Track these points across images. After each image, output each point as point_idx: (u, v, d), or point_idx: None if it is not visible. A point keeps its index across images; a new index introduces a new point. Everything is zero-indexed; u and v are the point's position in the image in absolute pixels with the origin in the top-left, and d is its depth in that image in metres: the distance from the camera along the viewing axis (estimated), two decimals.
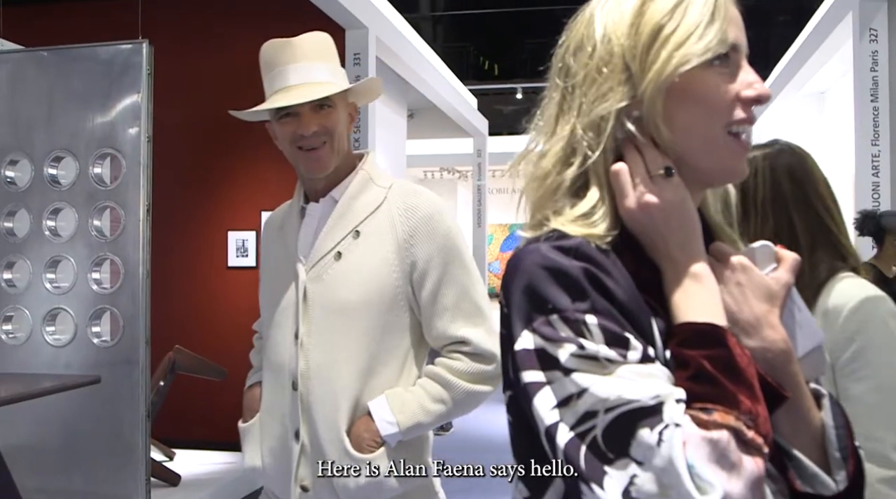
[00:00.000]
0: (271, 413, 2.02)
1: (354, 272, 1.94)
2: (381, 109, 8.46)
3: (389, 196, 2.00)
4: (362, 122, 6.80)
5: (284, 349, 1.98)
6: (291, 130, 1.97)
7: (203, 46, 7.02)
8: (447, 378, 1.94)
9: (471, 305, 1.97)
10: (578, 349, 0.89)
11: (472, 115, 12.32)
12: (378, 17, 7.34)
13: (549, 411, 0.90)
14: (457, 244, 1.99)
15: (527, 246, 0.98)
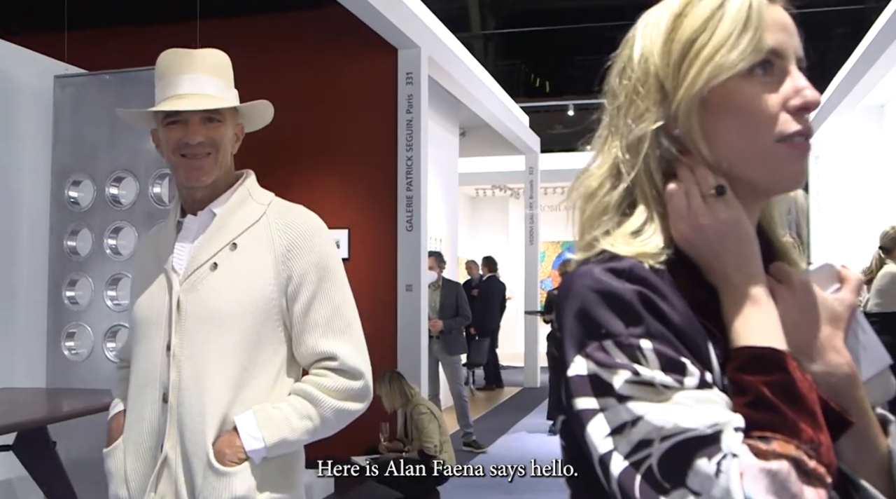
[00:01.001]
0: (136, 430, 1.95)
1: (229, 283, 1.92)
2: (433, 128, 8.51)
3: (268, 212, 2.02)
4: (414, 141, 6.85)
5: (155, 361, 1.94)
6: (178, 136, 1.94)
7: (259, 68, 7.13)
8: (314, 394, 1.92)
9: (341, 323, 1.97)
10: (633, 375, 0.86)
11: (524, 132, 12.32)
12: (430, 36, 7.39)
13: (603, 439, 0.87)
14: (332, 262, 2.00)
15: (578, 268, 0.95)
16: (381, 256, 7.02)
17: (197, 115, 1.94)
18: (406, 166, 6.86)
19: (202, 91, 1.96)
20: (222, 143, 1.98)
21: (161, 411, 1.91)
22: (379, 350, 7.12)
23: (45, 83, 5.18)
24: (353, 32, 6.71)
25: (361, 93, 7.08)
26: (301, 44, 7.19)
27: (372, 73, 7.05)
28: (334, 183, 7.14)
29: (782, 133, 0.94)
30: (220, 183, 2.03)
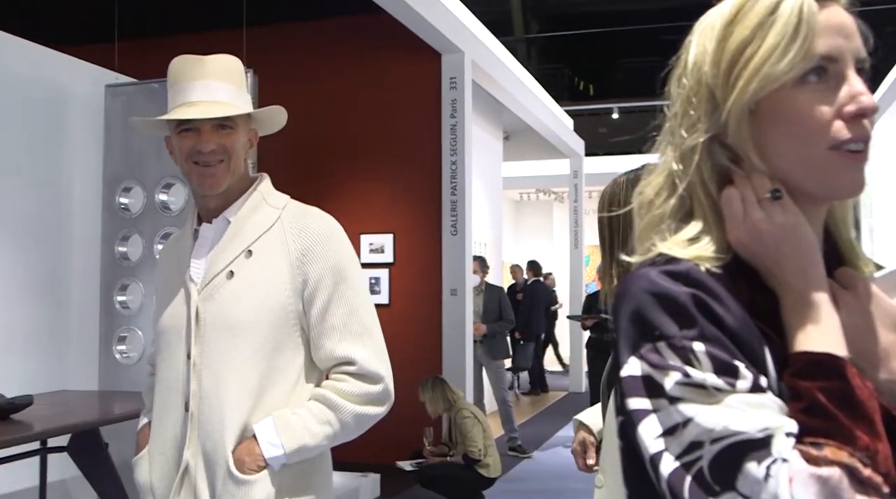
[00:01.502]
0: (160, 439, 1.97)
1: (246, 291, 1.91)
2: (477, 132, 8.52)
3: (283, 216, 1.99)
4: (458, 145, 6.86)
5: (177, 371, 1.94)
6: (190, 144, 1.93)
7: (305, 74, 7.21)
8: (333, 400, 1.90)
9: (359, 326, 1.94)
10: (684, 377, 0.86)
11: (568, 136, 12.28)
12: (473, 41, 7.41)
13: (654, 440, 0.88)
14: (348, 265, 1.98)
15: (636, 271, 0.95)
16: (425, 261, 7.04)
17: (209, 123, 1.93)
18: (450, 171, 6.88)
19: (213, 98, 1.94)
20: (235, 150, 1.96)
21: (183, 420, 1.92)
22: (424, 354, 7.18)
23: (96, 92, 5.29)
24: (397, 38, 6.75)
25: (406, 98, 7.12)
26: (346, 50, 7.25)
27: (416, 78, 7.09)
28: (379, 188, 7.18)
29: (835, 141, 0.92)
30: (234, 189, 2.00)
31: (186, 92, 1.94)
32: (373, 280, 7.08)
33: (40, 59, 5.20)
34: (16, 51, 5.05)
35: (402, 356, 7.09)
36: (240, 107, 1.96)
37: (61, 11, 7.19)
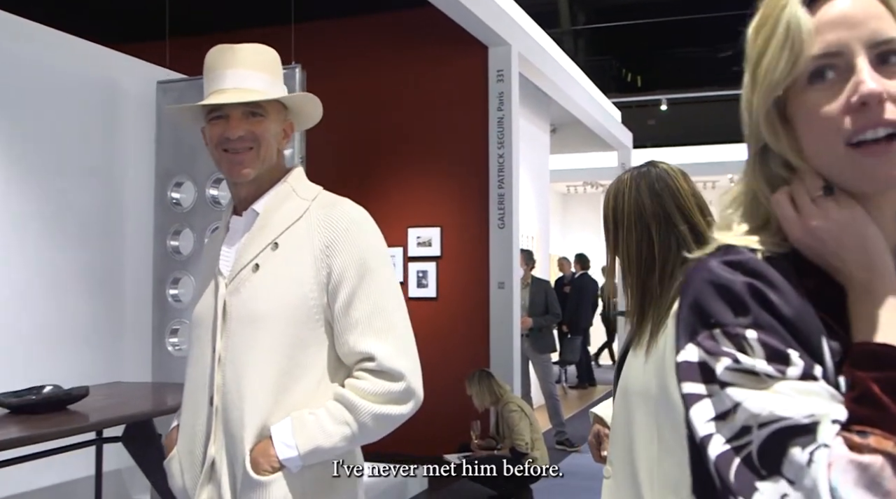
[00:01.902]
0: (189, 436, 1.95)
1: (270, 284, 1.87)
2: (524, 125, 8.49)
3: (311, 207, 1.94)
4: (506, 139, 6.85)
5: (204, 366, 1.93)
6: (219, 131, 1.92)
7: (352, 69, 7.25)
8: (351, 399, 1.83)
9: (383, 321, 1.87)
10: (734, 363, 0.89)
11: (616, 128, 12.19)
12: (520, 33, 7.39)
13: (705, 423, 0.90)
14: (375, 257, 1.91)
15: (699, 262, 0.98)
16: (473, 254, 7.05)
17: (238, 110, 1.91)
18: (498, 164, 6.87)
19: (244, 85, 1.91)
20: (265, 138, 1.92)
21: (208, 416, 1.90)
22: (472, 348, 7.19)
23: (148, 89, 5.38)
24: (443, 32, 6.76)
25: (453, 91, 7.13)
26: (393, 45, 7.28)
27: (463, 71, 7.09)
28: (427, 182, 7.20)
29: (846, 136, 0.92)
30: (266, 180, 1.98)
31: (218, 80, 1.93)
32: (420, 273, 7.11)
33: (94, 57, 5.30)
34: (70, 49, 5.15)
35: (449, 350, 7.15)
36: (267, 93, 1.93)
37: (114, 10, 7.32)
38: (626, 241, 2.02)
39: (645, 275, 1.99)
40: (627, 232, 2.01)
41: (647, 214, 2.00)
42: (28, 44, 4.92)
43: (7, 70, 4.79)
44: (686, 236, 1.96)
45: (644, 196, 2.01)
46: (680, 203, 2.01)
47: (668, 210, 2.00)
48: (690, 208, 2.01)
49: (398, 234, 7.13)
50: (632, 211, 2.01)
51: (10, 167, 4.81)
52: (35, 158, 4.94)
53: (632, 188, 2.04)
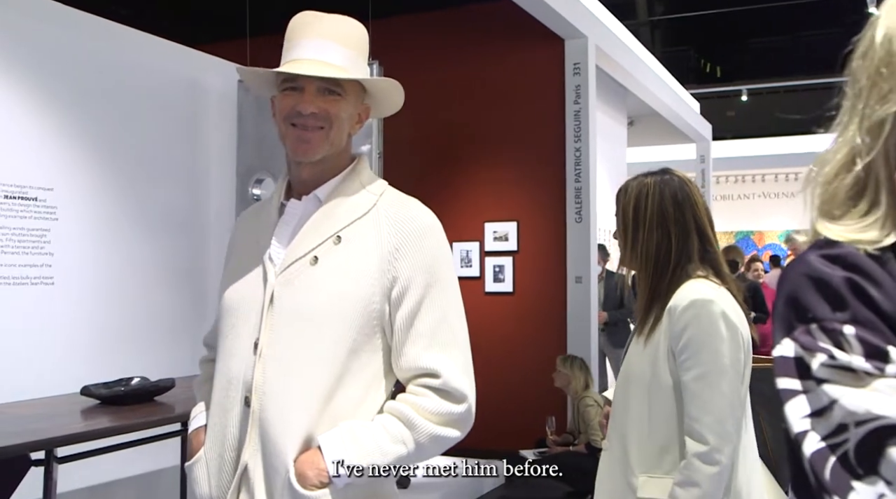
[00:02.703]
0: (219, 438, 1.77)
1: (330, 280, 1.70)
2: (601, 118, 8.41)
3: (379, 204, 1.79)
4: (583, 132, 6.79)
5: (240, 359, 1.74)
6: (291, 104, 1.74)
7: (429, 64, 7.27)
8: (411, 417, 1.68)
9: (448, 335, 1.74)
10: (830, 359, 0.87)
11: (695, 119, 11.99)
12: (597, 25, 7.32)
13: (800, 420, 0.88)
14: (443, 265, 1.78)
15: (798, 256, 0.96)
16: (550, 249, 7.01)
17: (314, 84, 1.73)
18: (574, 158, 6.82)
19: (325, 58, 1.74)
20: (338, 119, 1.75)
21: (241, 417, 1.72)
22: (548, 343, 7.15)
23: (230, 87, 5.49)
24: (519, 25, 6.73)
25: (529, 85, 7.10)
26: (469, 39, 7.28)
27: (539, 64, 7.05)
28: (503, 176, 7.19)
29: None
30: (331, 165, 1.81)
31: (298, 49, 1.76)
32: (496, 268, 7.10)
33: (177, 57, 5.42)
34: (155, 50, 5.28)
35: (525, 345, 7.12)
36: (348, 71, 1.76)
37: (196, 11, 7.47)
38: (646, 241, 2.24)
39: (658, 275, 2.22)
40: (649, 233, 2.24)
41: (670, 220, 2.23)
42: (114, 46, 5.07)
43: (94, 72, 4.93)
44: (696, 246, 2.22)
45: (668, 203, 2.24)
46: (697, 214, 2.25)
47: (687, 219, 2.24)
48: (703, 221, 2.26)
49: (474, 228, 7.13)
50: (654, 214, 2.24)
51: (99, 167, 4.96)
52: (123, 157, 5.08)
53: (656, 193, 2.26)
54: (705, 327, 2.10)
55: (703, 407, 2.06)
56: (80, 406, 3.59)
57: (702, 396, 2.07)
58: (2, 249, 4.37)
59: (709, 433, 2.04)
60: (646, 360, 2.17)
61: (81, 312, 4.79)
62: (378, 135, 4.81)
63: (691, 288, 2.16)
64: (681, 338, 2.11)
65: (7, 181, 4.42)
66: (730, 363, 2.10)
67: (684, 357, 2.10)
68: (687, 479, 2.04)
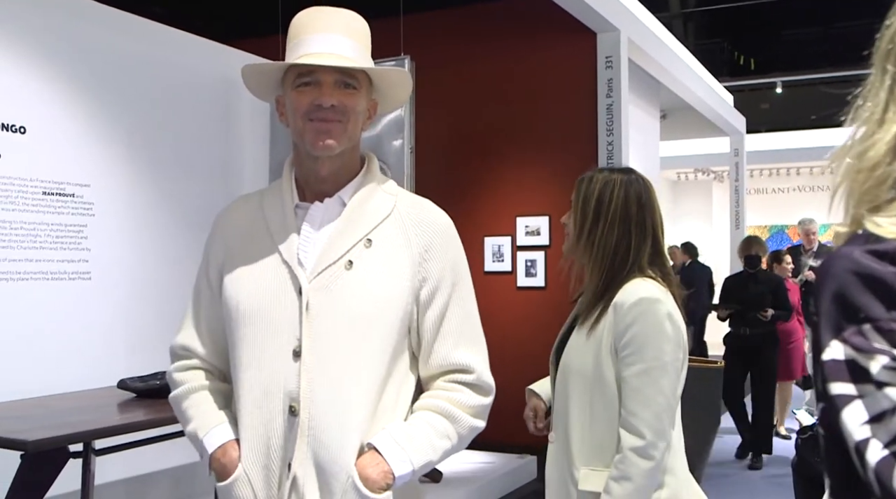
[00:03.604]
0: (258, 449, 1.70)
1: (369, 284, 1.70)
2: (634, 112, 8.36)
3: (398, 205, 1.79)
4: (615, 126, 6.75)
5: (279, 370, 1.68)
6: (309, 99, 1.70)
7: (460, 59, 7.27)
8: (452, 411, 1.73)
9: (473, 332, 1.80)
10: (892, 361, 0.82)
11: (729, 112, 11.87)
12: (629, 18, 7.27)
13: (860, 426, 0.83)
14: (463, 263, 1.82)
15: (838, 250, 0.90)
16: None
17: (331, 77, 1.71)
18: (607, 152, 6.78)
19: (339, 52, 1.72)
20: (355, 113, 1.74)
21: (288, 426, 1.67)
22: None
23: None
24: (551, 19, 6.71)
25: (561, 78, 7.07)
26: (500, 33, 7.26)
27: (571, 58, 7.02)
28: (535, 170, 7.17)
29: None
30: (347, 161, 1.80)
31: (308, 44, 1.73)
32: (528, 263, 7.09)
33: (211, 53, 5.47)
34: (188, 46, 5.33)
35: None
36: (365, 62, 1.77)
37: (230, 7, 7.52)
38: (605, 236, 2.30)
39: (613, 272, 2.27)
40: (609, 228, 2.30)
41: (632, 220, 2.30)
42: (149, 43, 5.12)
43: (130, 69, 4.99)
44: (649, 250, 2.30)
45: (632, 203, 2.31)
46: (654, 219, 2.34)
47: (647, 223, 2.31)
48: (658, 227, 2.35)
49: (506, 223, 7.12)
50: (617, 211, 2.30)
51: (135, 163, 5.02)
52: (158, 154, 5.14)
53: (621, 191, 2.32)
54: (651, 325, 2.16)
55: (643, 402, 2.12)
56: (116, 400, 3.64)
57: (642, 391, 2.13)
58: (40, 244, 4.44)
59: (646, 428, 2.10)
60: (588, 353, 2.23)
61: (117, 306, 4.85)
62: (410, 130, 4.82)
63: (639, 286, 2.22)
64: (625, 334, 2.16)
65: (45, 178, 4.48)
66: (671, 362, 2.16)
67: (627, 353, 2.15)
68: (622, 474, 2.10)
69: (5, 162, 4.30)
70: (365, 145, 1.87)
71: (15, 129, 4.35)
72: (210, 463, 1.76)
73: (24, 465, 2.99)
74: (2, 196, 4.27)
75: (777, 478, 6.55)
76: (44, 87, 4.53)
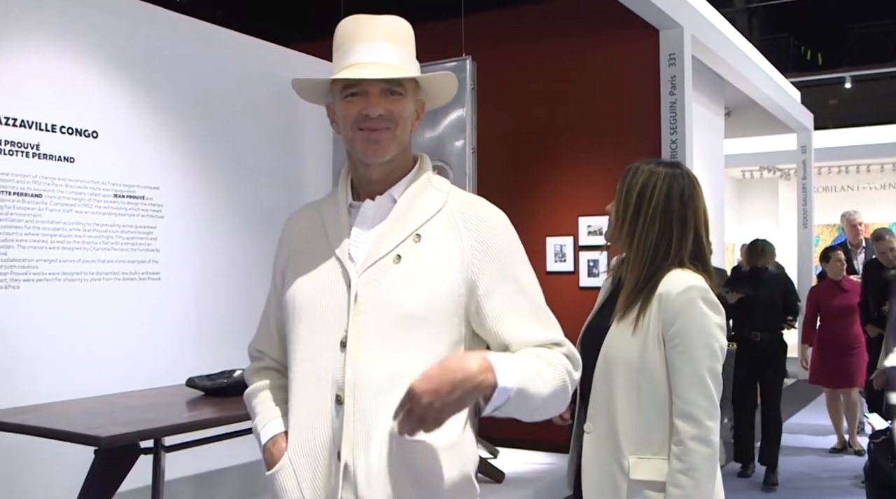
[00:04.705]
0: (307, 439, 1.74)
1: (416, 277, 1.72)
2: (697, 109, 8.25)
3: (449, 201, 1.81)
4: (678, 124, 6.68)
5: (327, 360, 1.72)
6: (357, 109, 1.74)
7: (521, 58, 7.25)
8: (549, 357, 1.68)
9: (546, 316, 1.79)
10: None
11: (795, 109, 11.64)
12: (693, 14, 7.18)
13: None
14: (522, 254, 1.81)
15: None
16: None
17: (377, 87, 1.74)
18: (670, 150, 6.71)
19: (384, 60, 1.75)
20: (402, 118, 1.77)
21: (335, 415, 1.70)
22: None
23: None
24: (613, 16, 6.65)
25: (622, 77, 7.01)
26: (561, 32, 7.23)
27: (633, 56, 6.96)
28: (597, 169, 7.11)
29: None
30: (398, 164, 1.83)
31: (354, 53, 1.76)
32: (591, 263, 7.04)
33: (274, 56, 5.54)
34: (252, 50, 5.41)
35: None
36: (409, 71, 1.79)
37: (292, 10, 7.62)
38: (647, 230, 2.31)
39: (654, 266, 2.29)
40: (650, 223, 2.30)
41: (674, 216, 2.30)
42: (214, 48, 5.21)
43: (195, 74, 5.08)
44: (690, 246, 2.31)
45: (674, 199, 2.31)
46: (698, 217, 2.34)
47: (688, 219, 2.31)
48: (701, 223, 2.35)
49: (568, 223, 7.08)
50: (659, 207, 2.31)
51: (201, 166, 5.11)
52: (223, 156, 5.23)
53: (664, 185, 2.32)
54: (700, 312, 2.19)
55: (697, 389, 2.15)
56: (185, 397, 3.71)
57: (695, 378, 2.16)
58: (112, 245, 4.55)
59: (703, 415, 2.14)
60: (635, 345, 2.24)
61: (186, 306, 4.95)
62: (471, 130, 4.82)
63: (683, 275, 2.25)
64: (675, 322, 2.19)
65: (117, 181, 4.60)
66: (719, 349, 2.20)
67: (678, 341, 2.18)
68: (688, 465, 2.13)
69: (79, 166, 4.42)
70: (426, 146, 1.89)
71: (88, 134, 4.47)
72: (262, 454, 1.82)
73: (97, 460, 3.06)
74: (76, 199, 4.39)
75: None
76: (115, 93, 4.65)
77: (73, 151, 4.40)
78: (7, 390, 3.87)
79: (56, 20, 4.39)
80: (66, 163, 4.37)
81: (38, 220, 4.24)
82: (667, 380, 2.21)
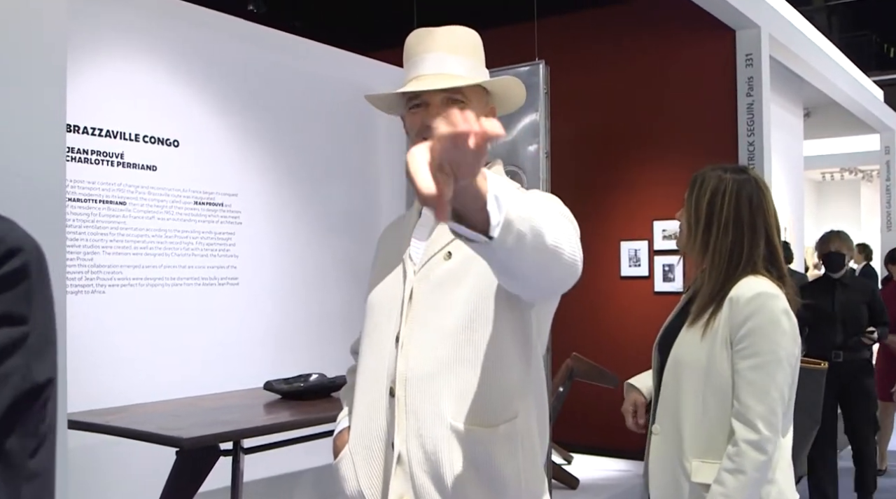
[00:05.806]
0: (365, 431, 1.81)
1: (462, 271, 1.75)
2: (775, 110, 8.09)
3: None
4: (756, 125, 6.55)
5: (383, 354, 1.81)
6: (419, 119, 1.80)
7: (594, 61, 7.20)
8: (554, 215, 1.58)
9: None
10: None
11: (878, 108, 11.31)
12: (770, 14, 7.04)
13: None
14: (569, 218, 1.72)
15: None
16: None
17: (438, 97, 1.78)
18: (748, 152, 6.58)
19: (444, 70, 1.79)
20: None
21: (389, 407, 1.77)
22: None
23: None
24: (687, 17, 6.56)
25: (698, 78, 6.90)
26: (635, 34, 7.16)
27: (708, 57, 6.85)
28: (671, 173, 7.01)
29: None
30: None
31: (417, 66, 1.82)
32: (666, 267, 6.95)
33: (348, 63, 5.61)
34: (327, 58, 5.49)
35: None
36: (466, 78, 1.80)
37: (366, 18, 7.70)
38: (720, 240, 2.31)
39: (729, 275, 2.28)
40: (723, 233, 2.30)
41: (744, 223, 2.30)
42: (291, 57, 5.30)
43: (272, 82, 5.18)
44: (762, 252, 2.30)
45: (744, 207, 2.31)
46: (768, 222, 2.32)
47: (758, 225, 2.31)
48: (772, 227, 2.33)
49: (643, 227, 7.00)
50: (730, 215, 2.31)
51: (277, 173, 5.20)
52: (299, 164, 5.31)
53: (733, 193, 2.32)
54: (768, 319, 2.17)
55: (757, 396, 2.14)
56: (262, 400, 3.78)
57: (757, 385, 2.14)
58: (192, 251, 4.66)
59: (760, 422, 2.12)
60: (703, 349, 2.25)
61: (263, 311, 5.04)
62: (545, 134, 4.81)
63: (755, 282, 2.24)
64: (742, 327, 2.18)
65: (197, 188, 4.71)
66: (786, 357, 2.17)
67: (744, 346, 2.18)
68: (737, 466, 2.11)
69: (161, 174, 4.54)
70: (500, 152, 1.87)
71: (169, 142, 4.59)
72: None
73: (179, 461, 3.14)
74: (158, 206, 4.51)
75: None
76: (195, 103, 4.76)
77: (155, 159, 4.52)
78: (91, 391, 3.99)
79: (141, 33, 4.52)
80: (148, 171, 4.49)
81: (122, 227, 4.36)
82: (732, 384, 2.21)
